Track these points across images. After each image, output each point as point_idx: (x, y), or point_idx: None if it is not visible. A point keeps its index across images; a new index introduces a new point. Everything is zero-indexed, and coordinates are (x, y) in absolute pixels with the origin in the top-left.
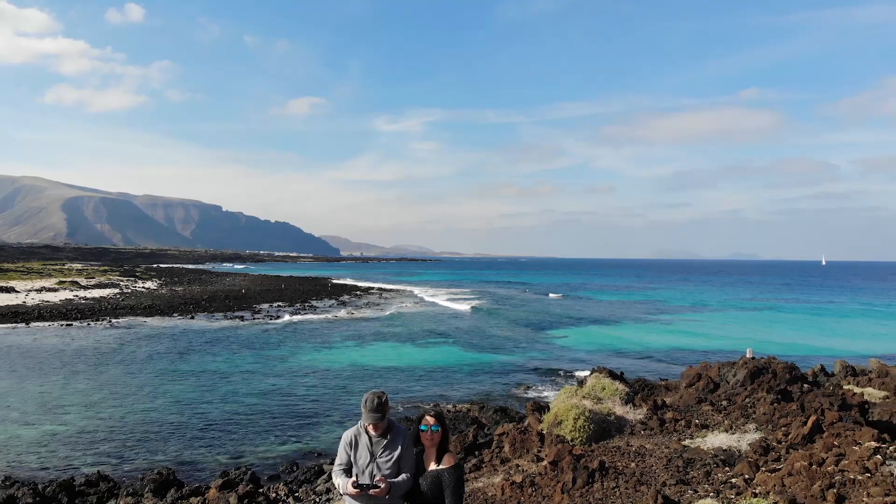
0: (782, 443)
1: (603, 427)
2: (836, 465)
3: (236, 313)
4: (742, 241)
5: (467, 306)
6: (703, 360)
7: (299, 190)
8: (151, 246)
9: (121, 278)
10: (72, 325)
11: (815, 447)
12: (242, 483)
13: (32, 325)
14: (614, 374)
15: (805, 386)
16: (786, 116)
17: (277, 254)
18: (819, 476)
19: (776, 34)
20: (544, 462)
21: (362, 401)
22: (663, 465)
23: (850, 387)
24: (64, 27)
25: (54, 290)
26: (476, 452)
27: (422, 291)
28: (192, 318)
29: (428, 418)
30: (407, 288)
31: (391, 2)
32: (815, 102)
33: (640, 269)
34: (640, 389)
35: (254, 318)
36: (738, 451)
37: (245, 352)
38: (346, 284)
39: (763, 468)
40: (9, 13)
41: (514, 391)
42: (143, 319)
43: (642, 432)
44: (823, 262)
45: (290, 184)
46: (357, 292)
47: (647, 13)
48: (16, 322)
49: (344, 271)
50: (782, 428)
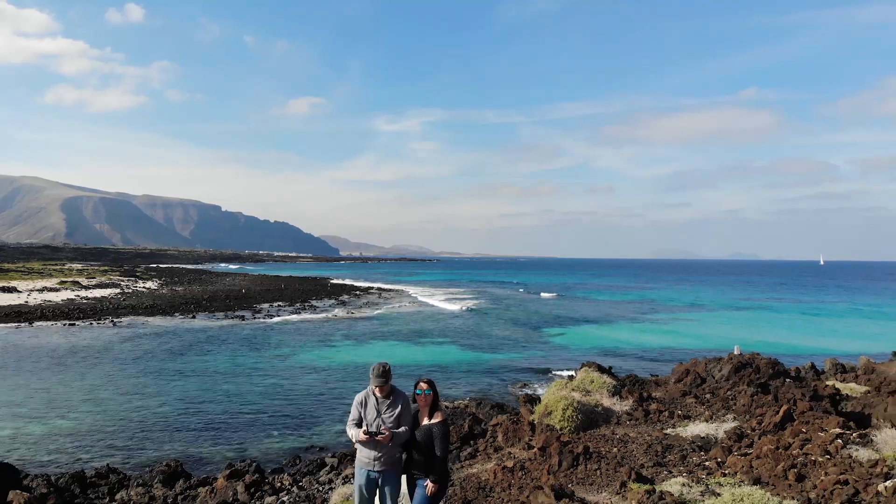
0: (756, 430)
1: (590, 417)
2: (801, 449)
3: (237, 313)
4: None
5: (465, 306)
6: (696, 357)
7: (299, 190)
8: (151, 246)
9: (121, 278)
10: (75, 324)
11: (785, 433)
12: (249, 473)
13: (36, 324)
14: (602, 369)
15: (787, 381)
16: (785, 116)
17: (277, 254)
18: (783, 458)
19: (775, 34)
20: (534, 449)
21: (371, 368)
22: (643, 451)
23: (831, 382)
24: (64, 27)
25: (56, 290)
26: (471, 442)
27: (420, 291)
28: (194, 317)
29: (422, 384)
30: (406, 288)
31: (391, 2)
32: (815, 102)
33: (639, 269)
34: (630, 384)
35: (254, 318)
36: (715, 439)
37: (246, 351)
38: (345, 284)
39: (735, 452)
40: (8, 13)
41: (510, 388)
42: (145, 319)
43: (628, 422)
44: (822, 262)
45: (289, 184)
46: (356, 292)
47: (647, 13)
48: (19, 322)
49: (343, 271)
50: (757, 417)
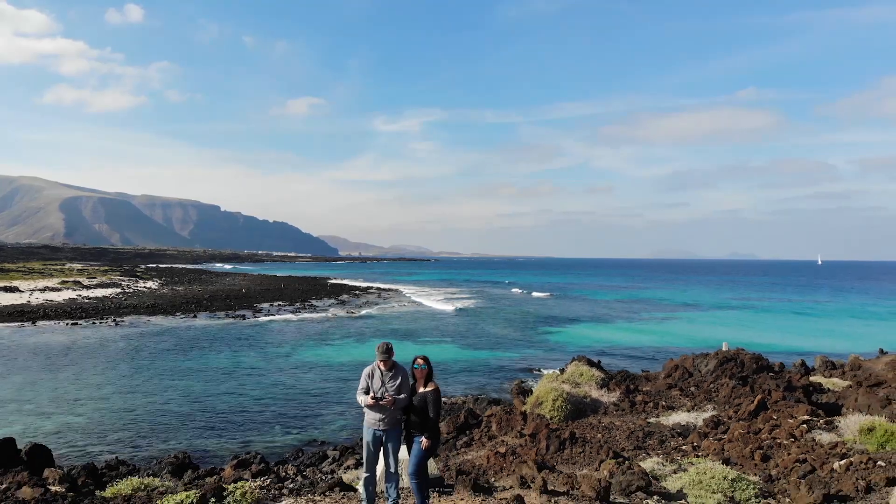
0: (732, 418)
1: (579, 407)
2: (770, 434)
3: (238, 312)
4: (740, 241)
5: (461, 305)
6: (686, 354)
7: (298, 190)
8: (150, 246)
9: (122, 278)
10: (78, 323)
11: (757, 420)
12: (255, 463)
13: (39, 323)
14: (592, 363)
15: (770, 374)
16: (784, 116)
17: (276, 254)
18: (752, 441)
19: (774, 34)
20: (525, 436)
21: (377, 347)
22: (626, 436)
23: (816, 377)
24: (63, 27)
25: (57, 290)
26: (467, 432)
27: (419, 291)
28: (195, 316)
29: (419, 360)
30: (404, 288)
31: (390, 2)
32: (814, 102)
33: (637, 269)
34: (623, 380)
35: (255, 317)
36: (694, 426)
37: (248, 349)
38: (344, 284)
39: (711, 437)
40: (8, 14)
41: (506, 385)
42: (147, 318)
43: (614, 412)
44: (819, 262)
45: (288, 184)
46: (356, 292)
47: (646, 13)
48: (22, 321)
49: (342, 271)
50: (735, 406)
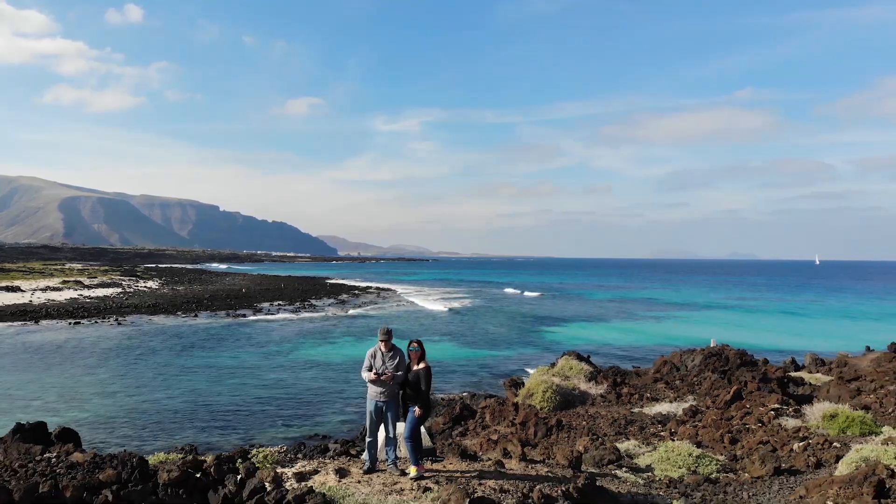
0: (710, 407)
1: (568, 399)
2: (741, 420)
3: (238, 311)
4: (740, 241)
5: (458, 305)
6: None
7: (297, 190)
8: (149, 246)
9: (122, 278)
10: (80, 322)
11: (731, 409)
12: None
13: (42, 322)
14: (581, 357)
15: (748, 368)
16: (782, 117)
17: (275, 254)
18: (723, 426)
19: (772, 35)
20: (516, 424)
21: (378, 330)
22: (609, 424)
23: (802, 374)
24: (63, 28)
25: (59, 290)
26: (462, 423)
27: (417, 291)
28: (196, 316)
29: (413, 343)
30: (403, 287)
31: (390, 2)
32: (812, 103)
33: (636, 269)
34: (612, 373)
35: (256, 316)
36: (674, 415)
37: (250, 347)
38: (343, 284)
39: (687, 424)
40: (8, 14)
41: (500, 382)
42: (148, 317)
43: (601, 403)
44: (817, 262)
45: (287, 184)
46: (355, 291)
47: (645, 14)
48: (25, 320)
49: (341, 271)
50: (714, 397)
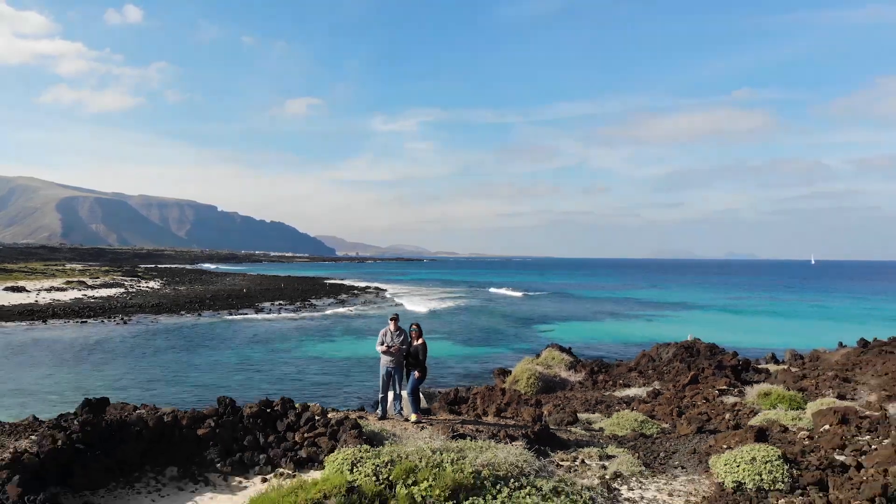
0: (670, 390)
1: (549, 384)
2: (691, 398)
3: (240, 311)
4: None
5: (456, 304)
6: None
7: (295, 190)
8: (147, 246)
9: (124, 278)
10: (87, 322)
11: (686, 390)
12: None
13: (49, 322)
14: (563, 349)
15: (706, 357)
16: (779, 117)
17: (273, 254)
18: (674, 403)
19: (768, 35)
20: (502, 405)
21: (389, 315)
22: (581, 403)
23: (768, 365)
24: (62, 28)
25: (63, 290)
26: (456, 406)
27: (414, 290)
28: (200, 315)
29: (414, 325)
30: (401, 287)
31: (388, 2)
32: (809, 103)
33: (633, 269)
34: (593, 364)
35: (258, 315)
36: (640, 397)
37: (254, 345)
38: (342, 284)
39: (648, 403)
40: (7, 15)
41: (491, 375)
42: (153, 317)
43: (579, 388)
44: (813, 262)
45: (286, 184)
46: (354, 291)
47: (642, 14)
48: (32, 320)
49: (340, 271)
50: (675, 381)
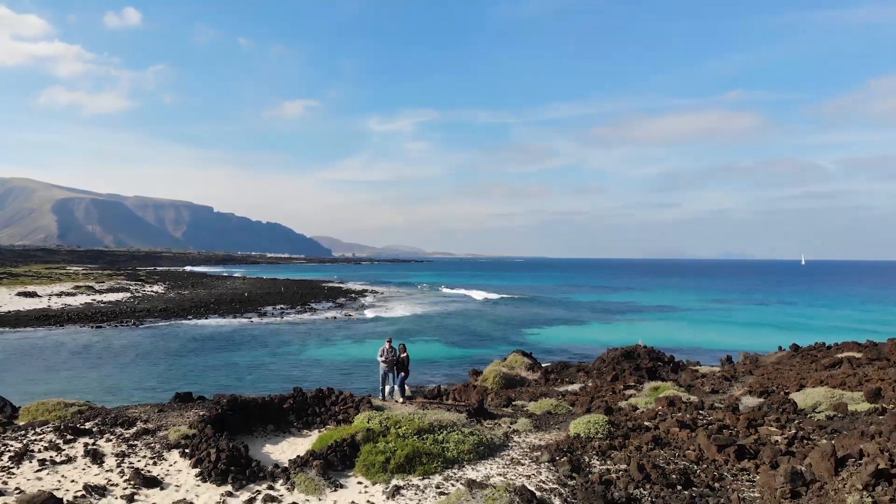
0: (596, 386)
1: (511, 382)
2: (605, 391)
3: (245, 315)
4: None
5: (448, 309)
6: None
7: (291, 191)
8: (143, 247)
9: (129, 282)
10: (102, 326)
11: (604, 387)
12: None
13: (66, 327)
14: (525, 353)
15: (659, 363)
16: (770, 117)
17: (269, 255)
18: (589, 395)
19: (762, 36)
20: (472, 399)
21: (385, 338)
22: (529, 396)
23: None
24: (61, 31)
25: (72, 295)
26: (436, 399)
27: (410, 294)
28: (206, 319)
29: (401, 344)
30: (397, 290)
31: (384, 3)
32: (800, 103)
33: (624, 270)
34: (547, 366)
35: (261, 319)
36: (572, 391)
37: (261, 348)
38: (340, 287)
39: (574, 395)
40: (7, 18)
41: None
42: (163, 321)
43: (533, 385)
44: (803, 262)
45: (282, 185)
46: (351, 295)
47: (637, 15)
48: (50, 325)
49: (337, 273)
50: (602, 380)
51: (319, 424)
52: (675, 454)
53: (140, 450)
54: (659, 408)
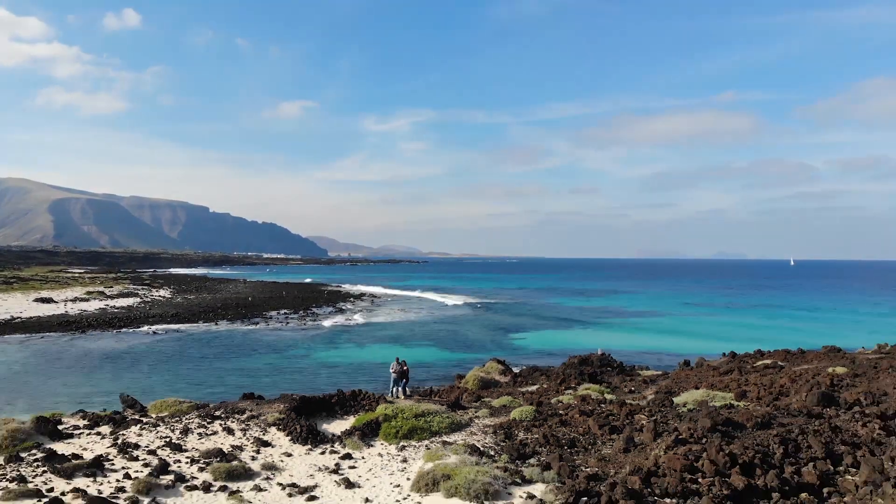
0: (548, 387)
1: (487, 384)
2: (552, 391)
3: (252, 320)
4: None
5: (450, 313)
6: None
7: (287, 190)
8: (139, 247)
9: (137, 287)
10: (121, 331)
11: (551, 388)
12: None
13: (88, 332)
14: (499, 361)
15: (608, 368)
16: (763, 118)
17: (266, 255)
18: (539, 395)
19: (753, 38)
20: (452, 397)
21: (395, 358)
22: (496, 395)
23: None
24: (60, 33)
25: (86, 300)
26: (428, 397)
27: (406, 298)
28: (216, 324)
29: (404, 360)
30: (393, 294)
31: (382, 2)
32: (793, 104)
33: (617, 271)
34: (516, 371)
35: (268, 325)
36: (529, 391)
37: (272, 353)
38: (339, 291)
39: (532, 394)
40: (6, 20)
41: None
42: (176, 326)
43: (504, 386)
44: (792, 263)
45: (277, 184)
46: (350, 299)
47: (633, 15)
48: (73, 330)
49: (335, 275)
50: (553, 382)
51: (354, 412)
52: (571, 430)
53: (252, 427)
54: (573, 402)
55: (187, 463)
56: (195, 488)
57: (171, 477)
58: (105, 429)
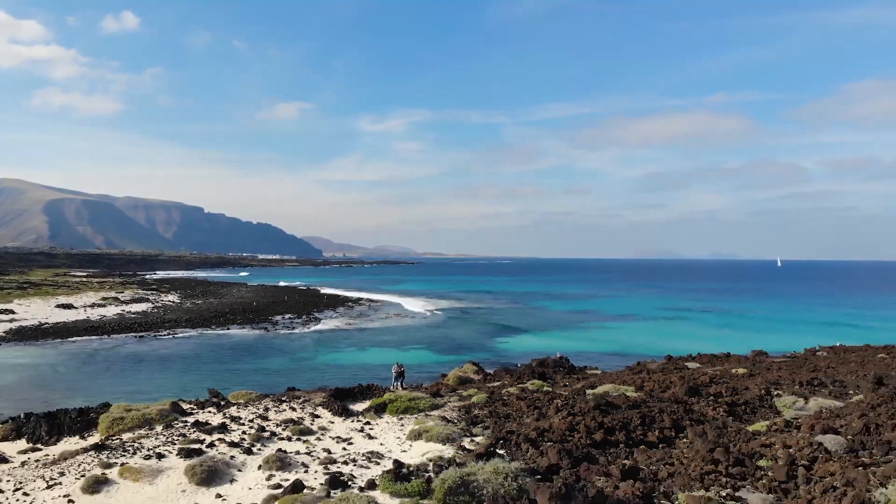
0: (508, 384)
1: (463, 381)
2: (506, 389)
3: (259, 325)
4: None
5: (442, 317)
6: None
7: (282, 191)
8: (134, 248)
9: (146, 292)
10: (143, 336)
11: (508, 385)
12: None
13: (113, 336)
14: (474, 363)
15: (560, 368)
16: (754, 120)
17: (261, 256)
18: (497, 388)
19: (746, 39)
20: (434, 390)
21: (396, 362)
22: (469, 389)
23: (592, 370)
24: (58, 35)
25: (103, 306)
26: (417, 389)
27: (401, 302)
28: (228, 329)
29: (401, 364)
30: (390, 298)
31: (378, 3)
32: (785, 105)
33: (609, 272)
34: (487, 371)
35: (276, 329)
36: (496, 387)
37: (282, 355)
38: (338, 295)
39: (494, 391)
40: (5, 23)
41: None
42: (191, 331)
43: (477, 383)
44: (779, 264)
45: (271, 185)
46: (349, 303)
47: (629, 17)
48: (100, 335)
49: (331, 278)
50: (512, 380)
51: (369, 397)
52: (509, 409)
53: (307, 406)
54: (516, 391)
55: (274, 425)
56: (283, 439)
57: (267, 434)
58: (212, 409)
